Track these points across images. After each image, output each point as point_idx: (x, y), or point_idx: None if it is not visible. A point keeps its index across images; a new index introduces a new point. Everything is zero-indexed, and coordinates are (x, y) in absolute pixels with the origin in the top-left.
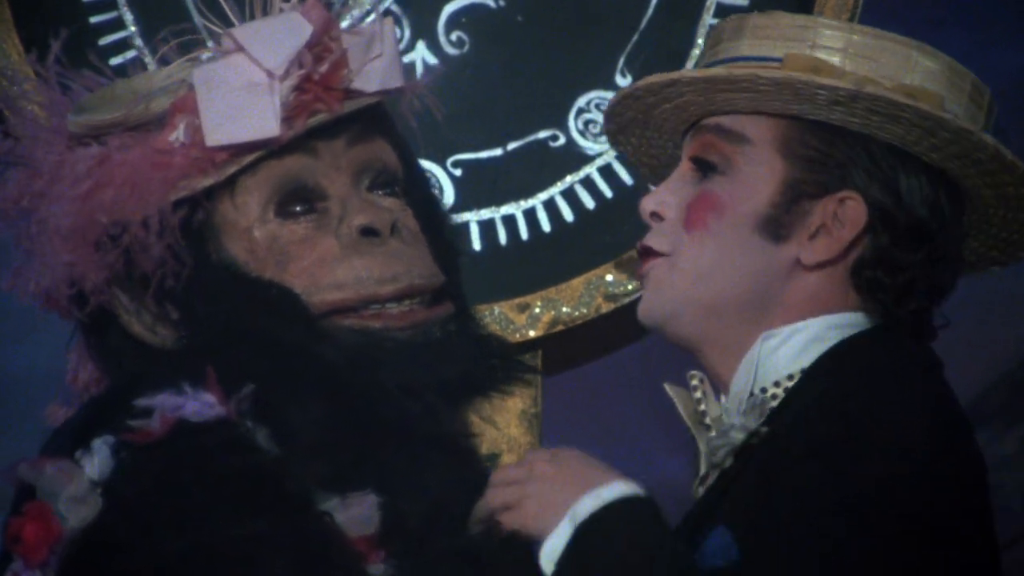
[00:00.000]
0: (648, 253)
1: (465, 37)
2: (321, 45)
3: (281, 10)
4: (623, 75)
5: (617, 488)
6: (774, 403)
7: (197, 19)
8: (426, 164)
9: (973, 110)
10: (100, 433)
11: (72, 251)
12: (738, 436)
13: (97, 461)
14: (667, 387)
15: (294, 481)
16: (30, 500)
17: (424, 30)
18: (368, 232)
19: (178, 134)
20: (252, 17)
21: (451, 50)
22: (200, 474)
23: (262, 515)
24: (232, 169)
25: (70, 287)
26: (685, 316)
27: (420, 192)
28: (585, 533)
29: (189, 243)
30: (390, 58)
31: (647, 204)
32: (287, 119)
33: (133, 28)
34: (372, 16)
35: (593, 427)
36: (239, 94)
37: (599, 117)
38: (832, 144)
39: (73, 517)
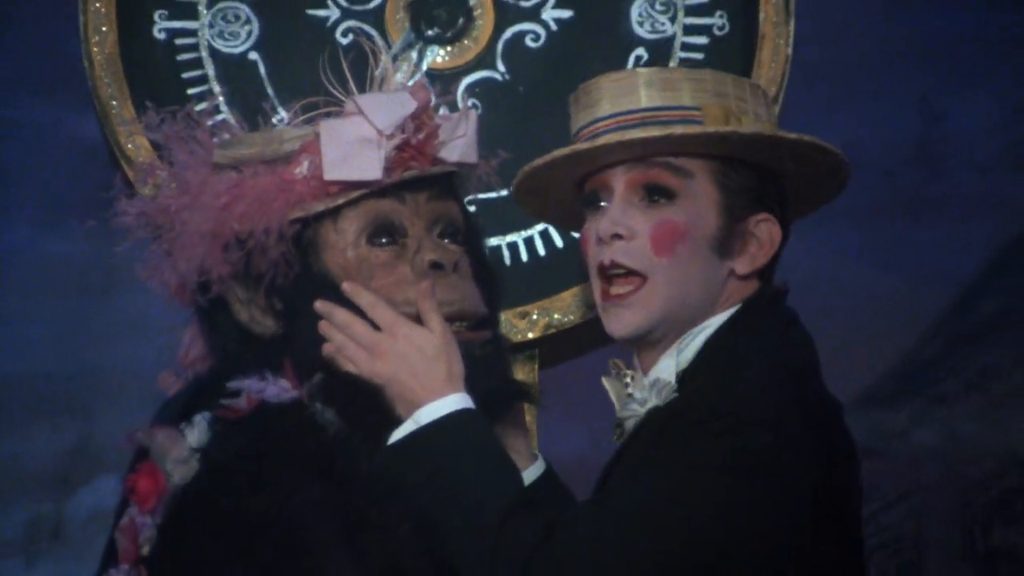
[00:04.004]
0: (617, 266)
1: (479, 102)
2: (421, 118)
3: (393, 88)
4: None
5: (454, 400)
6: (676, 386)
7: (270, 90)
8: None
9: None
10: (200, 409)
11: (206, 248)
12: (639, 410)
13: (197, 432)
14: (603, 380)
15: (350, 454)
16: (144, 460)
17: (447, 96)
18: (436, 266)
19: (302, 168)
20: (372, 89)
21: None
22: (275, 446)
23: (319, 482)
24: (340, 200)
25: (199, 277)
26: (659, 328)
27: (475, 244)
28: (423, 436)
29: (298, 252)
30: (470, 140)
31: (609, 228)
32: (387, 169)
33: (221, 98)
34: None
35: (577, 408)
36: (354, 145)
37: None
38: (747, 175)
39: (176, 475)
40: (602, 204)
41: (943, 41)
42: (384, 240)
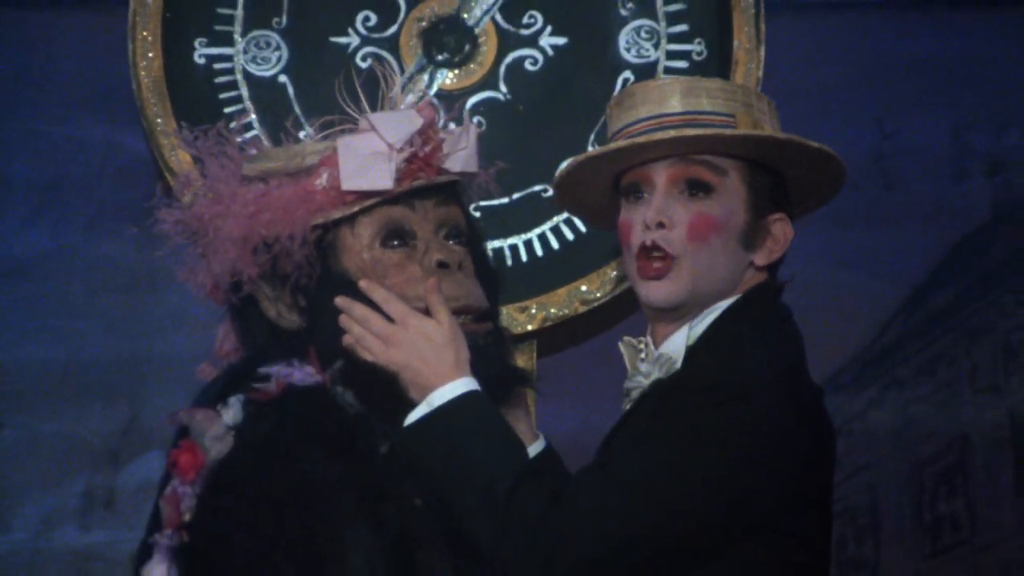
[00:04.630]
0: (657, 248)
1: (483, 119)
2: (427, 133)
3: (403, 107)
4: (592, 145)
5: (462, 384)
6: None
7: (297, 109)
8: None
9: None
10: (234, 392)
11: (237, 252)
12: (644, 382)
13: (231, 412)
14: (620, 344)
15: (367, 432)
16: (185, 437)
17: (453, 113)
18: (442, 265)
19: (322, 180)
20: (383, 108)
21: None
22: (300, 425)
23: (340, 458)
24: (356, 208)
25: (231, 277)
26: (688, 302)
27: (477, 245)
28: (436, 417)
29: (319, 255)
30: (471, 151)
31: (654, 216)
32: (398, 180)
33: (254, 115)
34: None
35: (572, 392)
36: (368, 158)
37: None
38: (768, 177)
39: (213, 451)
40: (643, 195)
41: (895, 67)
42: (396, 243)
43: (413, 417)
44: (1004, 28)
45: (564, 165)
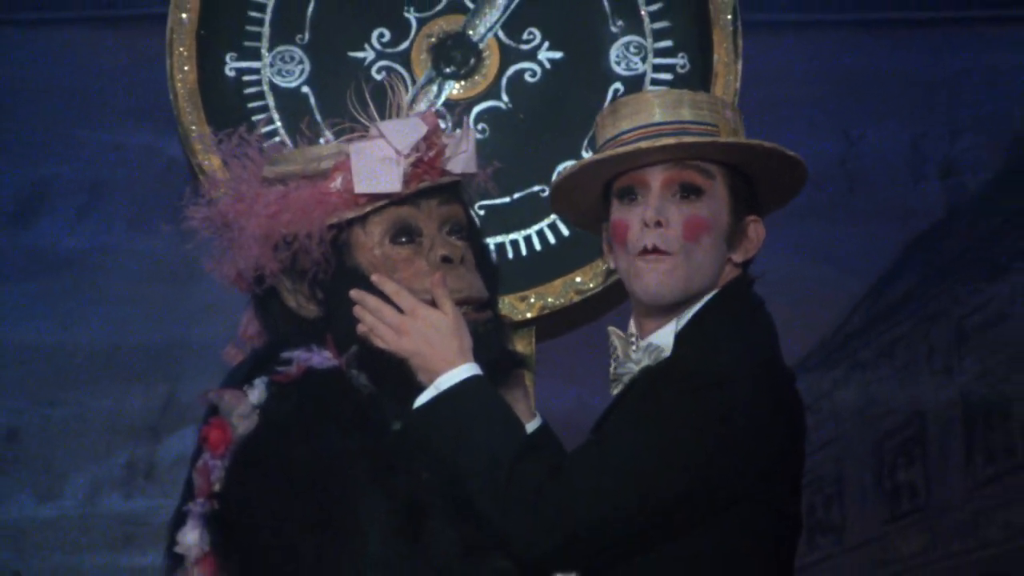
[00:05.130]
0: (657, 250)
1: (487, 127)
2: (431, 139)
3: (408, 116)
4: (585, 151)
5: (466, 369)
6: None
7: (318, 117)
8: None
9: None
10: (259, 375)
11: (259, 249)
12: (634, 368)
13: (257, 393)
14: (610, 329)
15: (379, 411)
16: (214, 415)
17: (459, 124)
18: (446, 259)
19: (336, 183)
20: (391, 116)
21: (478, 136)
22: (319, 405)
23: (355, 434)
24: (367, 209)
25: (255, 271)
26: (682, 297)
27: (477, 240)
28: (443, 399)
29: (334, 252)
30: (470, 154)
31: (653, 216)
32: (405, 182)
33: (279, 122)
34: (463, 127)
35: (567, 374)
36: (378, 163)
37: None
38: (744, 182)
39: (240, 427)
40: (637, 197)
41: (859, 82)
42: (404, 239)
43: (422, 400)
44: (956, 47)
45: (566, 168)
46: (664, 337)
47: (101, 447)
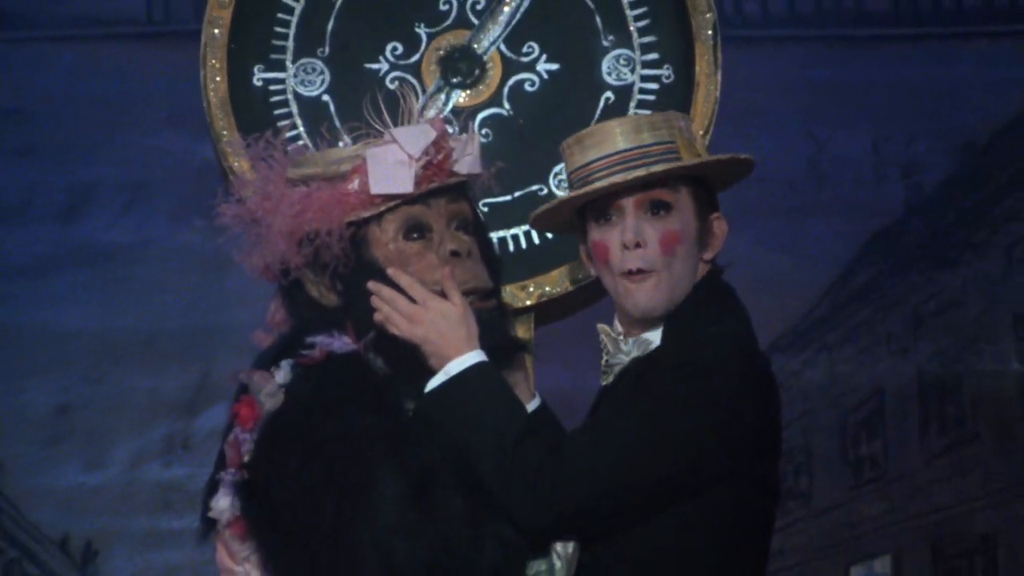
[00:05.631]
0: (640, 271)
1: (490, 132)
2: (439, 144)
3: (419, 122)
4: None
5: (474, 356)
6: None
7: (337, 123)
8: None
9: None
10: (285, 357)
11: (285, 244)
12: (625, 359)
13: (283, 373)
14: (600, 327)
15: (394, 392)
16: (244, 393)
17: (464, 128)
18: (455, 253)
19: (354, 185)
20: (403, 123)
21: (481, 140)
22: (339, 385)
23: (371, 413)
24: (383, 208)
25: (280, 265)
26: (667, 307)
27: (482, 234)
28: (453, 384)
29: (353, 247)
30: (475, 156)
31: (632, 238)
32: (417, 183)
33: (301, 128)
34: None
35: (564, 358)
36: (392, 166)
37: (565, 177)
38: (703, 186)
39: (268, 405)
40: (611, 218)
41: (826, 89)
42: (416, 236)
43: (433, 383)
44: (915, 61)
45: (548, 204)
46: (653, 333)
47: (142, 421)
